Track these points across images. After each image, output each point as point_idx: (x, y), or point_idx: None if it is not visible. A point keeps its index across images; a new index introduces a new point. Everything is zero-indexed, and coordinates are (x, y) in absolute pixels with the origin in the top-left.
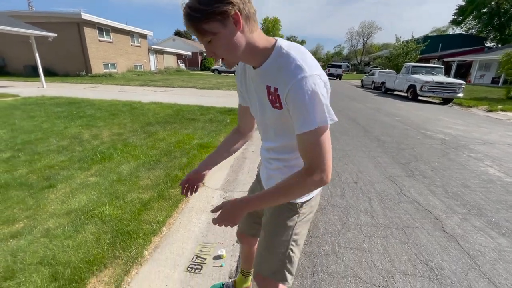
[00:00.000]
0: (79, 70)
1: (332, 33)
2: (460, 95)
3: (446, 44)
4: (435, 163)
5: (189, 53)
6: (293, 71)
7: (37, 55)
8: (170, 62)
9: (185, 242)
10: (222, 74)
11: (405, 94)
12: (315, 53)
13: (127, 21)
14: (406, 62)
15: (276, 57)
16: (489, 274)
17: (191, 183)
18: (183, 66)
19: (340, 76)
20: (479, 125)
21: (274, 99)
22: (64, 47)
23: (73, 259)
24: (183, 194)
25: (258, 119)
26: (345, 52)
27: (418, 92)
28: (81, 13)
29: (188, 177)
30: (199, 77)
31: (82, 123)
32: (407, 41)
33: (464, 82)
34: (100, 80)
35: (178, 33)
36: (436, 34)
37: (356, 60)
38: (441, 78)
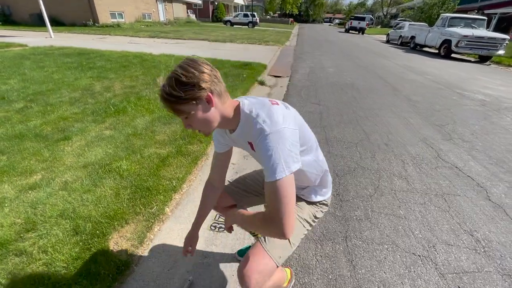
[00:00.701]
0: (85, 19)
1: None
2: (501, 52)
3: None
4: (475, 126)
5: (200, 2)
6: (256, 131)
7: (41, 2)
8: (180, 12)
9: None
10: (235, 26)
11: (436, 50)
12: (336, 4)
13: None
14: (442, 14)
15: (245, 120)
16: None
17: (191, 245)
18: (193, 16)
19: (363, 30)
20: None
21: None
22: None
23: (93, 214)
24: (185, 255)
25: None
26: (369, 2)
27: (453, 48)
28: None
29: (186, 243)
30: (210, 29)
31: (92, 74)
32: None
33: (508, 37)
34: (108, 30)
35: None
36: None
37: (381, 12)
38: (482, 32)
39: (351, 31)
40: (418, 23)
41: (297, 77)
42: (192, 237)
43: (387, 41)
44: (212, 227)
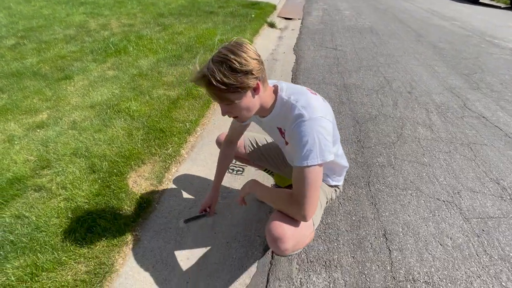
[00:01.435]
0: None
1: None
2: None
3: None
4: (505, 76)
5: None
6: (294, 116)
7: None
8: None
9: None
10: None
11: None
12: None
13: None
14: None
15: (280, 106)
16: None
17: (210, 205)
18: None
19: None
20: None
21: (285, 138)
22: None
23: (107, 153)
24: (201, 212)
25: (279, 145)
26: None
27: None
28: None
29: (207, 202)
30: None
31: (85, 10)
32: None
33: None
34: None
35: None
36: None
37: None
38: None
39: None
40: None
41: (310, 19)
42: (212, 197)
43: None
44: (230, 170)
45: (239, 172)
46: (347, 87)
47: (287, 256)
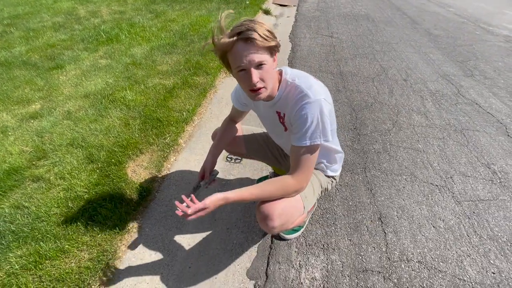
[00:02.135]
0: None
1: None
2: None
3: None
4: (498, 63)
5: None
6: (299, 97)
7: None
8: None
9: None
10: None
11: None
12: None
13: None
14: None
15: (284, 87)
16: None
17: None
18: None
19: None
20: None
21: (283, 123)
22: None
23: (105, 143)
24: (200, 179)
25: (274, 138)
26: None
27: None
28: None
29: (206, 168)
30: None
31: None
32: None
33: None
34: None
35: None
36: None
37: None
38: None
39: None
40: None
41: (306, 6)
42: (210, 163)
43: None
44: (228, 158)
45: (237, 161)
46: (343, 75)
47: (286, 240)
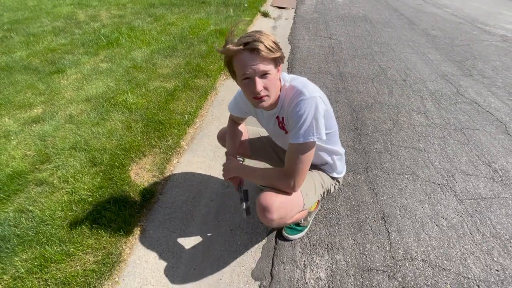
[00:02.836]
0: None
1: None
2: None
3: None
4: (496, 62)
5: None
6: (295, 97)
7: None
8: None
9: None
10: None
11: None
12: None
13: None
14: None
15: (284, 94)
16: None
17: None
18: None
19: None
20: None
21: (283, 127)
22: None
23: (107, 146)
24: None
25: (276, 141)
26: None
27: None
28: None
29: (236, 180)
30: None
31: (72, 1)
32: None
33: None
34: None
35: None
36: None
37: None
38: None
39: None
40: None
41: (304, 8)
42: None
43: None
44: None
45: (240, 162)
46: (343, 76)
47: (290, 241)
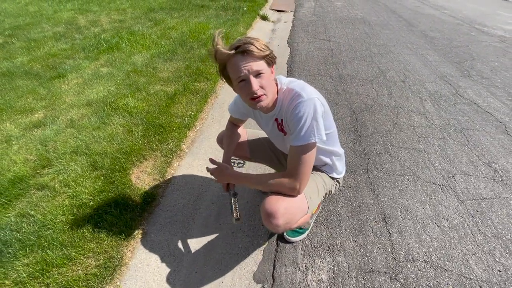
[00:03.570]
0: None
1: None
2: None
3: None
4: (494, 63)
5: None
6: (293, 99)
7: None
8: None
9: None
10: None
11: None
12: None
13: None
14: None
15: (282, 97)
16: None
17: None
18: None
19: None
20: None
21: (282, 129)
22: None
23: (108, 150)
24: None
25: (275, 143)
26: None
27: None
28: None
29: (225, 184)
30: None
31: (73, 7)
32: None
33: None
34: None
35: None
36: None
37: None
38: None
39: None
40: None
41: (303, 11)
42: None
43: None
44: (231, 162)
45: (240, 165)
46: (342, 78)
47: (292, 243)
